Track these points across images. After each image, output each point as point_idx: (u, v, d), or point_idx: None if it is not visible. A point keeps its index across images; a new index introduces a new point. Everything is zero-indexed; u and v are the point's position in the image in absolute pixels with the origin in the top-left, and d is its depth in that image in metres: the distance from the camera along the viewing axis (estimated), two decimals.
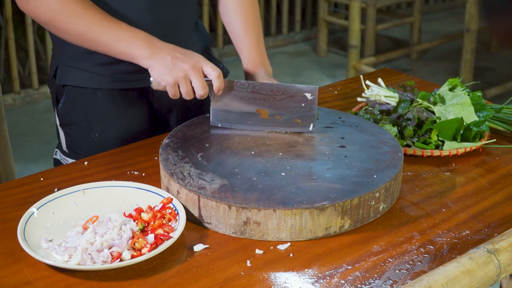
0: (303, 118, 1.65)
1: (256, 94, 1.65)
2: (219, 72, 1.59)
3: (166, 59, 1.58)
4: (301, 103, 1.65)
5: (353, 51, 5.08)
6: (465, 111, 1.71)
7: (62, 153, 1.86)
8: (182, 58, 1.58)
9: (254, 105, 1.66)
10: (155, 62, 1.58)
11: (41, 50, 5.06)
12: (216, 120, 1.68)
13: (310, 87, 1.64)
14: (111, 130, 1.80)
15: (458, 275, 1.16)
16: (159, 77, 1.58)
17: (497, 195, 1.52)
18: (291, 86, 1.65)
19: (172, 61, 1.57)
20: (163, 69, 1.57)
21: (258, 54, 1.84)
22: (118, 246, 1.26)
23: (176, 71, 1.57)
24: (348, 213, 1.36)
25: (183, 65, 1.57)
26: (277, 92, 1.65)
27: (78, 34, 1.60)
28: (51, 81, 1.83)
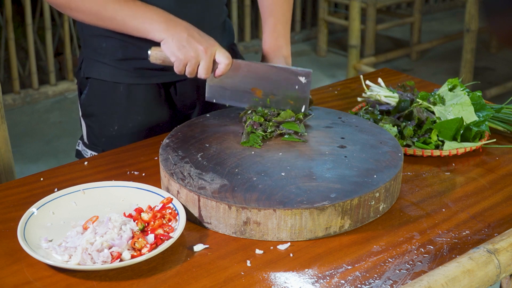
0: (296, 99, 1.69)
1: (252, 73, 1.68)
2: (230, 60, 1.61)
3: (182, 35, 1.59)
4: (295, 85, 1.68)
5: (353, 51, 5.07)
6: (465, 111, 1.71)
7: (84, 145, 1.89)
8: (198, 38, 1.59)
9: (249, 84, 1.69)
10: (169, 36, 1.59)
11: (41, 50, 5.05)
12: (211, 96, 1.71)
13: (304, 70, 1.67)
14: (129, 125, 1.82)
15: (458, 275, 1.16)
16: (170, 52, 1.59)
17: (497, 195, 1.52)
18: (286, 68, 1.68)
19: (187, 39, 1.58)
20: (176, 44, 1.58)
21: (274, 38, 1.85)
22: (118, 246, 1.26)
23: (189, 49, 1.58)
24: (348, 213, 1.36)
25: (198, 45, 1.58)
26: (273, 73, 1.68)
27: (93, 13, 1.61)
28: (77, 73, 1.87)
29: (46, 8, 4.80)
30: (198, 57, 1.59)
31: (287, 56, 1.83)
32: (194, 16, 1.76)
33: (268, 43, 1.84)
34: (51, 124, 4.62)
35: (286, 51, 1.84)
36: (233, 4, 5.64)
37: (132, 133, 1.82)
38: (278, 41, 1.85)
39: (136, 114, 1.82)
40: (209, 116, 1.73)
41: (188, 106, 1.88)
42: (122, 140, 1.80)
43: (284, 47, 1.84)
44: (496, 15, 1.85)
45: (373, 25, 5.59)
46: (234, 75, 1.68)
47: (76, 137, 4.25)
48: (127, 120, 1.81)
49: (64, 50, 5.02)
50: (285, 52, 1.84)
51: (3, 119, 1.78)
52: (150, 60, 1.64)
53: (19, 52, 5.06)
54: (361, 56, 5.35)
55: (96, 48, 1.79)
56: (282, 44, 1.85)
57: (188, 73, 1.61)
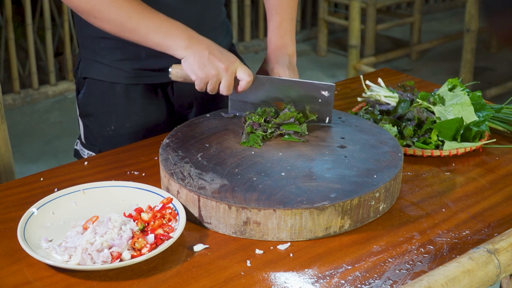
0: (319, 112, 1.69)
1: (275, 88, 1.68)
2: (251, 77, 1.61)
3: (203, 53, 1.58)
4: (318, 99, 1.68)
5: (353, 51, 5.07)
6: (465, 111, 1.71)
7: (81, 144, 1.89)
8: (219, 56, 1.59)
9: (272, 98, 1.69)
10: (191, 54, 1.58)
11: (41, 50, 5.05)
12: (234, 109, 1.72)
13: (327, 85, 1.67)
14: (127, 125, 1.82)
15: (458, 275, 1.16)
16: (191, 70, 1.59)
17: (497, 195, 1.52)
18: (309, 83, 1.68)
19: (208, 57, 1.58)
20: (198, 62, 1.58)
21: (278, 36, 1.84)
22: (118, 246, 1.26)
23: (210, 67, 1.57)
24: (348, 213, 1.36)
25: (219, 63, 1.58)
26: (296, 88, 1.68)
27: (118, 24, 1.60)
28: (75, 73, 1.87)
29: (46, 8, 4.80)
30: (219, 76, 1.58)
31: (292, 55, 1.83)
32: (193, 16, 1.76)
33: (274, 41, 1.84)
34: (51, 124, 4.62)
35: (292, 49, 1.84)
36: (233, 4, 5.64)
37: (130, 133, 1.82)
38: (284, 39, 1.84)
39: (134, 114, 1.81)
40: (209, 116, 1.73)
41: (185, 106, 1.88)
42: (120, 140, 1.80)
43: (289, 45, 1.84)
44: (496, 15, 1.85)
45: (373, 25, 5.59)
46: (256, 89, 1.68)
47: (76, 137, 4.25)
48: (125, 120, 1.81)
49: (64, 50, 5.02)
50: (290, 50, 1.84)
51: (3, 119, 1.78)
52: (170, 77, 1.63)
53: (19, 52, 5.06)
54: (361, 56, 5.35)
55: (94, 49, 1.79)
56: (287, 42, 1.84)
57: (209, 91, 1.61)
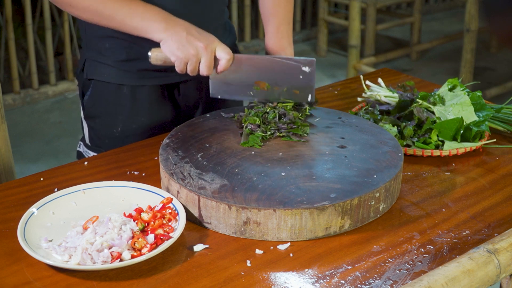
0: (301, 89, 1.69)
1: (255, 67, 1.68)
2: (231, 56, 1.62)
3: (181, 34, 1.59)
4: (299, 75, 1.68)
5: (353, 51, 5.07)
6: (465, 111, 1.71)
7: (85, 146, 1.89)
8: (197, 35, 1.60)
9: (253, 77, 1.69)
10: (169, 36, 1.59)
11: (41, 50, 5.05)
12: (216, 91, 1.72)
13: (307, 60, 1.67)
14: (133, 126, 1.82)
15: (458, 275, 1.16)
16: (170, 51, 1.59)
17: (497, 195, 1.52)
18: (289, 59, 1.68)
19: (186, 37, 1.58)
20: (176, 43, 1.58)
21: (277, 39, 1.85)
22: (118, 246, 1.26)
23: (189, 47, 1.58)
24: (348, 213, 1.36)
25: (197, 42, 1.58)
26: (276, 65, 1.68)
27: (93, 11, 1.61)
28: (79, 74, 1.86)
29: (46, 8, 4.80)
30: (198, 55, 1.59)
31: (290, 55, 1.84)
32: (196, 16, 1.76)
33: (272, 44, 1.85)
34: (51, 124, 4.62)
35: (290, 51, 1.85)
36: (233, 4, 5.64)
37: (136, 134, 1.82)
38: (282, 42, 1.86)
39: (140, 115, 1.82)
40: (209, 116, 1.73)
41: (191, 107, 1.89)
42: (126, 141, 1.81)
43: (287, 48, 1.85)
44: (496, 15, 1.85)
45: (373, 25, 5.59)
46: (236, 69, 1.68)
47: (76, 137, 4.25)
48: (131, 121, 1.81)
49: (64, 50, 5.03)
50: (289, 53, 1.85)
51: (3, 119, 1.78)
52: (150, 61, 1.64)
53: (19, 52, 5.06)
54: (361, 56, 5.35)
55: (99, 49, 1.79)
56: (285, 45, 1.85)
57: (189, 71, 1.61)
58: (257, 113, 1.65)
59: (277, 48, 1.84)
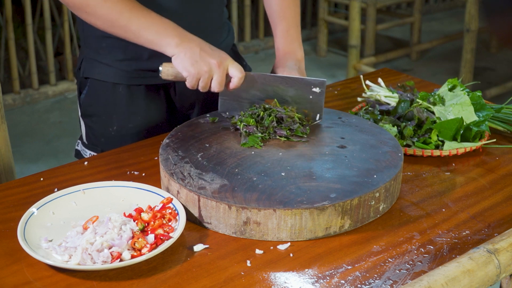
0: (311, 109, 1.70)
1: (266, 86, 1.68)
2: (243, 74, 1.62)
3: (194, 50, 1.59)
4: (309, 95, 1.68)
5: (353, 51, 5.07)
6: (465, 111, 1.71)
7: (83, 145, 1.89)
8: (210, 52, 1.60)
9: (263, 95, 1.69)
10: (181, 51, 1.59)
11: (41, 50, 5.05)
12: (224, 108, 1.71)
13: (318, 81, 1.68)
14: (129, 125, 1.82)
15: (458, 275, 1.16)
16: (182, 67, 1.59)
17: (497, 195, 1.52)
18: (300, 79, 1.69)
19: (200, 54, 1.58)
20: (189, 59, 1.58)
21: (287, 42, 1.85)
22: (118, 246, 1.26)
23: (202, 64, 1.58)
24: (348, 213, 1.36)
25: (211, 59, 1.58)
26: (286, 84, 1.68)
27: (109, 21, 1.61)
28: (77, 73, 1.86)
29: (46, 8, 4.80)
30: (211, 72, 1.59)
31: (300, 60, 1.84)
32: (194, 17, 1.76)
33: (282, 48, 1.85)
34: (51, 124, 4.62)
35: (300, 54, 1.85)
36: (233, 4, 5.64)
37: (132, 134, 1.82)
38: (293, 45, 1.85)
39: (136, 114, 1.82)
40: (209, 116, 1.73)
41: (187, 107, 1.89)
42: (122, 141, 1.80)
43: (298, 50, 1.85)
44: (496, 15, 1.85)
45: (373, 25, 5.59)
46: (247, 87, 1.68)
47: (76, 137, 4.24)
48: (127, 120, 1.81)
49: (64, 50, 5.03)
50: (299, 56, 1.85)
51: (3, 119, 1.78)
52: (161, 76, 1.63)
53: (19, 52, 5.06)
54: (361, 56, 5.35)
55: (96, 48, 1.79)
56: (296, 48, 1.85)
57: (201, 88, 1.61)
58: (252, 115, 1.65)
59: (287, 51, 1.83)
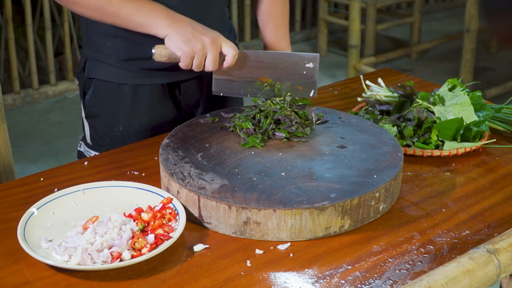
0: (304, 85, 1.71)
1: (259, 63, 1.69)
2: (236, 51, 1.63)
3: (187, 29, 1.60)
4: (302, 70, 1.69)
5: (353, 51, 5.07)
6: (465, 111, 1.71)
7: (86, 145, 1.89)
8: (202, 31, 1.61)
9: (257, 74, 1.70)
10: (174, 31, 1.60)
11: (41, 50, 5.05)
12: (218, 89, 1.71)
13: (311, 55, 1.70)
14: (134, 125, 1.82)
15: (458, 275, 1.16)
16: (176, 46, 1.59)
17: (497, 195, 1.52)
18: (292, 54, 1.70)
19: (192, 32, 1.59)
20: (182, 38, 1.59)
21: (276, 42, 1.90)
22: (118, 246, 1.26)
23: (195, 42, 1.59)
24: (348, 213, 1.36)
25: (203, 37, 1.59)
26: (279, 60, 1.69)
27: (97, 8, 1.61)
28: (80, 74, 1.86)
29: (46, 8, 4.80)
30: (205, 49, 1.59)
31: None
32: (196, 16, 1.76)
33: (271, 47, 1.89)
34: (51, 124, 4.62)
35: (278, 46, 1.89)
36: (233, 4, 5.64)
37: (137, 133, 1.82)
38: (281, 44, 1.89)
39: (141, 114, 1.82)
40: (209, 116, 1.73)
41: (192, 105, 1.89)
42: (127, 140, 1.81)
43: (286, 49, 1.87)
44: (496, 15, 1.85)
45: (373, 25, 5.59)
46: (240, 66, 1.68)
47: (76, 137, 4.25)
48: (132, 120, 1.82)
49: (64, 50, 5.03)
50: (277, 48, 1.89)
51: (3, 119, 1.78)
52: (154, 58, 1.63)
53: (19, 52, 5.07)
54: (361, 56, 5.35)
55: (100, 48, 1.78)
56: (284, 47, 1.89)
57: (195, 67, 1.61)
58: (247, 117, 1.65)
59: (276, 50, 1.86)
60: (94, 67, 1.80)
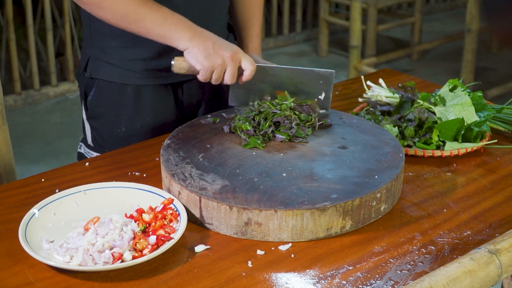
0: (319, 100, 1.74)
1: (275, 77, 1.72)
2: (254, 66, 1.66)
3: (207, 43, 1.61)
4: (317, 86, 1.72)
5: (354, 52, 5.08)
6: (466, 111, 1.71)
7: (87, 147, 1.89)
8: (223, 45, 1.63)
9: (273, 87, 1.72)
10: (195, 45, 1.61)
11: (42, 51, 5.06)
12: (234, 101, 1.75)
13: (327, 72, 1.72)
14: (137, 126, 1.83)
15: (460, 276, 1.16)
16: (196, 60, 1.61)
17: (498, 196, 1.52)
18: (309, 70, 1.72)
19: (213, 47, 1.61)
20: (203, 52, 1.60)
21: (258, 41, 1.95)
22: (119, 247, 1.26)
23: (215, 57, 1.61)
24: (349, 213, 1.36)
25: (224, 52, 1.61)
26: (295, 76, 1.72)
27: (122, 15, 1.61)
28: (81, 74, 1.85)
29: (47, 9, 4.80)
30: (224, 64, 1.62)
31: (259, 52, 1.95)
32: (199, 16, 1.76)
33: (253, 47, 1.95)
34: (52, 125, 4.62)
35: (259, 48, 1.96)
36: None
37: (139, 134, 1.82)
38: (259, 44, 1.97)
39: (144, 114, 1.82)
40: (210, 116, 1.73)
41: (194, 105, 1.89)
42: (129, 141, 1.81)
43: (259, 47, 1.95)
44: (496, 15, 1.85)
45: (374, 25, 5.59)
46: (258, 79, 1.71)
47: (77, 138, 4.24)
48: (135, 121, 1.82)
49: (65, 51, 5.03)
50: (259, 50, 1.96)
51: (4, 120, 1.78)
52: (173, 70, 1.65)
53: (20, 53, 5.07)
54: (362, 57, 5.36)
55: (103, 47, 1.78)
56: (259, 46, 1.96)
57: (214, 80, 1.64)
58: (247, 118, 1.64)
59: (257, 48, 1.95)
60: (97, 67, 1.80)
